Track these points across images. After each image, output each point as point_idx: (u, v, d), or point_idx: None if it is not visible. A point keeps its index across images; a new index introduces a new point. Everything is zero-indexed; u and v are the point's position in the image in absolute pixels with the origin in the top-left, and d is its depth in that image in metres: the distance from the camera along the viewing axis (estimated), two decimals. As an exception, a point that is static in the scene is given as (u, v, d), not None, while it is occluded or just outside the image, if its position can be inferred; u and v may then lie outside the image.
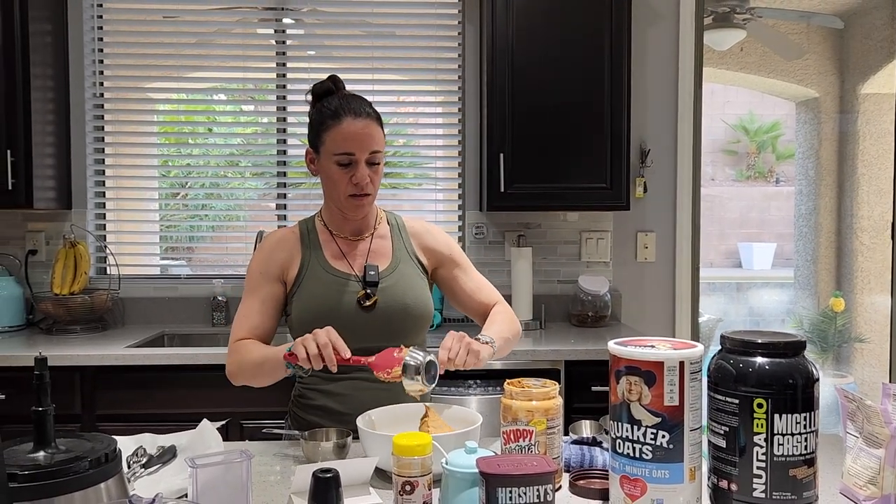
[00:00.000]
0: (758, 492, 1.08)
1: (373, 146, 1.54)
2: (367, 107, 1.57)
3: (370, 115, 1.55)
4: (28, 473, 0.86)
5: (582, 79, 2.72)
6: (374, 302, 1.56)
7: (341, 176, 1.54)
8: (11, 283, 2.84)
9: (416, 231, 1.69)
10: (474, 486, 1.07)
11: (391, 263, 1.62)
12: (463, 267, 1.70)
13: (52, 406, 0.94)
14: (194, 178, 3.23)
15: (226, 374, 1.56)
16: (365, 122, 1.53)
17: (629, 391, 1.09)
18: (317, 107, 1.58)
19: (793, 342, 1.12)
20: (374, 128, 1.55)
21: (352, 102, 1.55)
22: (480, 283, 1.71)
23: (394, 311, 1.56)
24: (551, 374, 2.42)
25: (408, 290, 1.60)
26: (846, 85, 6.16)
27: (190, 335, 2.86)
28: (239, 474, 1.04)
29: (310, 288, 1.57)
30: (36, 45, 2.69)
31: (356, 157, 1.52)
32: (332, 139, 1.53)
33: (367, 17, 3.08)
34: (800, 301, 6.77)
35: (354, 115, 1.53)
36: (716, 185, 10.37)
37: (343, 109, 1.53)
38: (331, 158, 1.54)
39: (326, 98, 1.58)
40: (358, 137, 1.52)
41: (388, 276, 1.60)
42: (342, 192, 1.55)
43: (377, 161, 1.55)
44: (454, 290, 1.70)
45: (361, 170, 1.53)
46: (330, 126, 1.53)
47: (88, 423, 2.39)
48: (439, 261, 1.69)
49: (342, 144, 1.52)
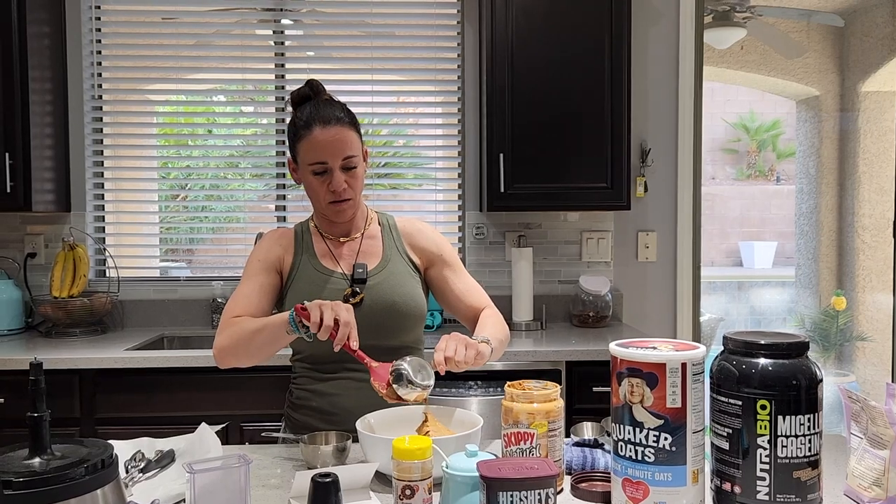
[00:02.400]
0: (761, 494, 1.07)
1: (346, 152, 1.53)
2: (339, 111, 1.55)
3: (341, 121, 1.54)
4: (23, 480, 0.85)
5: (582, 78, 2.71)
6: (360, 299, 1.55)
7: (319, 184, 1.55)
8: (10, 286, 2.83)
9: (407, 230, 1.68)
10: (475, 490, 1.06)
11: (381, 262, 1.62)
12: (453, 268, 1.69)
13: (48, 412, 0.93)
14: (194, 179, 3.23)
15: (213, 353, 1.52)
16: (336, 130, 1.52)
17: (631, 393, 1.08)
18: (291, 117, 1.59)
19: (796, 343, 1.11)
20: (346, 132, 1.54)
21: (322, 110, 1.54)
22: (470, 285, 1.69)
23: (381, 309, 1.55)
24: (552, 375, 2.41)
25: (396, 287, 1.59)
26: (847, 83, 6.15)
27: (190, 337, 2.85)
28: (237, 479, 1.03)
29: (298, 287, 1.58)
30: (34, 48, 2.68)
31: (329, 164, 1.53)
32: (305, 150, 1.54)
33: (366, 17, 3.07)
34: (801, 300, 6.76)
35: (324, 124, 1.52)
36: (716, 184, 10.35)
37: (313, 119, 1.53)
38: (307, 169, 1.55)
39: (300, 107, 1.58)
40: (329, 146, 1.52)
41: (376, 273, 1.60)
42: (322, 200, 1.56)
43: (353, 165, 1.55)
44: (443, 291, 1.68)
45: (337, 177, 1.53)
46: (302, 136, 1.54)
47: (88, 426, 2.38)
48: (430, 260, 1.67)
49: (314, 154, 1.52)
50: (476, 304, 1.67)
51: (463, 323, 1.71)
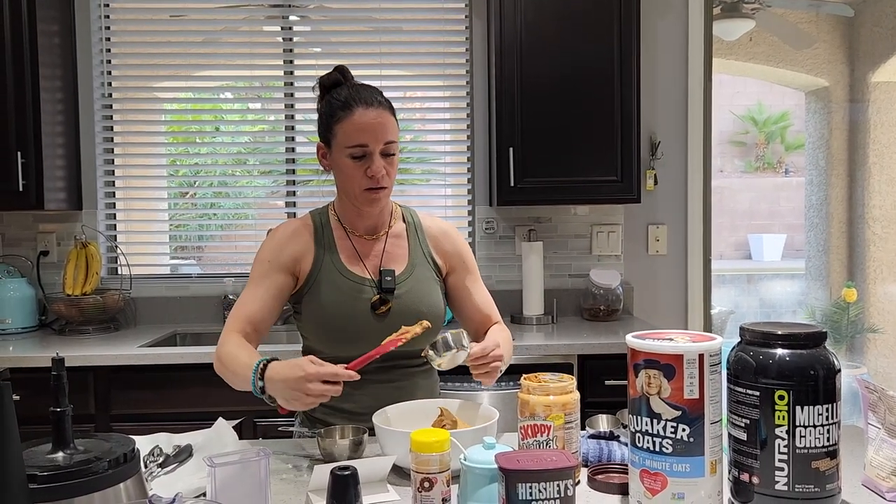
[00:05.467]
0: (780, 484, 1.07)
1: (387, 136, 1.47)
2: (379, 96, 1.50)
3: (382, 105, 1.48)
4: (48, 474, 0.86)
5: (591, 71, 2.70)
6: (388, 308, 1.52)
7: (355, 169, 1.47)
8: (24, 284, 2.85)
9: (433, 233, 1.63)
10: (493, 482, 1.07)
11: (407, 268, 1.57)
12: (473, 276, 1.66)
13: (70, 406, 0.94)
14: (202, 176, 3.23)
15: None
16: (378, 112, 1.47)
17: (648, 385, 1.08)
18: (326, 99, 1.52)
19: (813, 333, 1.11)
20: (388, 117, 1.48)
21: (362, 92, 1.49)
22: (486, 297, 1.68)
23: (407, 319, 1.50)
24: (564, 369, 2.41)
25: (423, 296, 1.56)
26: (856, 73, 6.11)
27: (202, 334, 2.86)
28: (257, 472, 1.04)
29: (325, 292, 1.52)
30: (44, 47, 2.69)
31: (370, 148, 1.46)
32: (344, 131, 1.46)
33: (373, 12, 3.06)
34: (811, 292, 6.73)
35: (366, 105, 1.46)
36: (724, 176, 10.31)
37: (354, 99, 1.47)
38: (343, 152, 1.47)
39: (335, 89, 1.52)
40: (371, 128, 1.45)
41: (403, 281, 1.55)
42: (357, 186, 1.49)
43: (392, 152, 1.49)
44: (460, 299, 1.65)
45: (377, 162, 1.46)
46: (341, 118, 1.46)
47: (103, 423, 2.40)
48: (452, 266, 1.64)
49: (355, 136, 1.45)
50: (490, 316, 1.66)
51: (468, 330, 1.67)
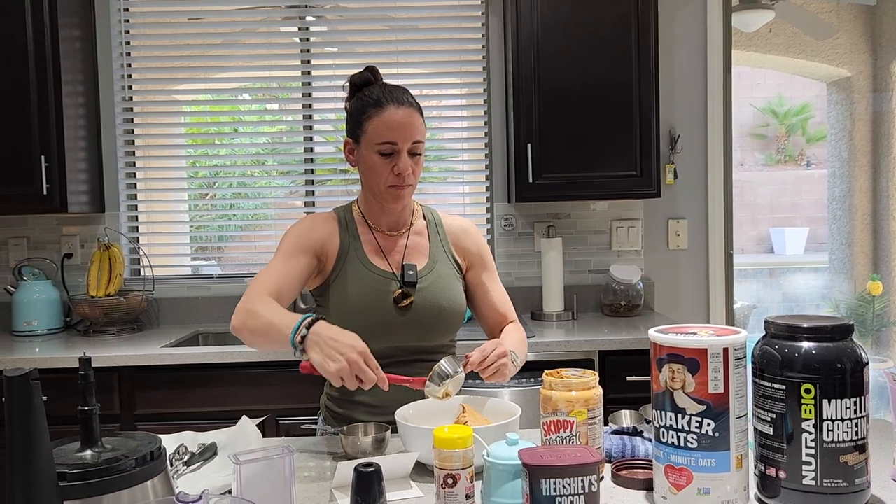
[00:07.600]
0: (807, 479, 1.06)
1: (415, 136, 1.51)
2: (409, 96, 1.55)
3: (412, 105, 1.53)
4: (77, 472, 0.87)
5: (609, 65, 2.69)
6: (410, 302, 1.54)
7: (383, 166, 1.51)
8: (49, 286, 2.89)
9: (453, 230, 1.66)
10: (517, 478, 1.06)
11: (428, 263, 1.60)
12: (491, 274, 1.68)
13: (98, 405, 0.95)
14: (222, 178, 3.26)
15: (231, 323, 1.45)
16: (407, 112, 1.51)
17: (672, 379, 1.07)
18: (357, 96, 1.56)
19: (840, 325, 1.09)
20: (417, 117, 1.53)
21: (394, 92, 1.54)
22: (503, 295, 1.69)
23: (429, 313, 1.54)
24: (586, 365, 2.40)
25: (444, 290, 1.58)
26: (879, 63, 6.01)
27: (224, 334, 2.89)
28: (281, 469, 1.04)
29: (351, 283, 1.54)
30: (66, 52, 2.73)
31: (398, 146, 1.50)
32: (374, 128, 1.50)
33: (389, 11, 3.07)
34: (835, 285, 6.64)
35: (397, 104, 1.51)
36: (745, 170, 10.20)
37: (385, 98, 1.51)
38: (372, 148, 1.51)
39: (367, 88, 1.56)
40: (401, 126, 1.50)
41: (425, 276, 1.58)
42: (383, 182, 1.52)
43: (419, 151, 1.53)
44: (477, 296, 1.66)
45: (404, 159, 1.50)
46: (372, 115, 1.51)
47: (128, 422, 2.43)
48: (471, 263, 1.66)
49: (385, 133, 1.50)
50: (506, 315, 1.68)
51: (484, 328, 1.70)
